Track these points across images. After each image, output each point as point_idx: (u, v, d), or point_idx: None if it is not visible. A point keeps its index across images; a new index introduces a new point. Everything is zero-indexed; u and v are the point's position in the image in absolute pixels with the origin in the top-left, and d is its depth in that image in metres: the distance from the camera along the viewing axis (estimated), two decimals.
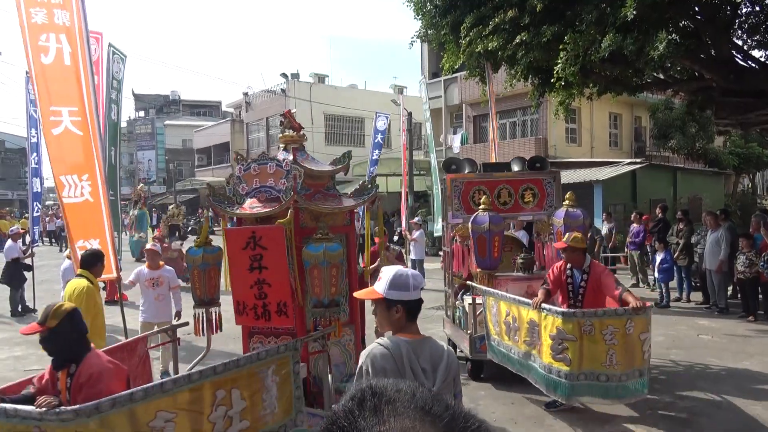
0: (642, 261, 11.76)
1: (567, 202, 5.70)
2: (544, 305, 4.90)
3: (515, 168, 6.73)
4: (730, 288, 9.71)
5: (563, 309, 4.91)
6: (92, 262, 5.02)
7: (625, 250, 12.38)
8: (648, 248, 11.76)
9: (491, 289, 5.73)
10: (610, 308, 4.85)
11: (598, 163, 17.65)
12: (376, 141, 16.62)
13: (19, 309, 10.45)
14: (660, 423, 5.01)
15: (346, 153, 4.43)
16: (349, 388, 0.81)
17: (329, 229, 3.99)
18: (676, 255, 10.12)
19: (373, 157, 16.47)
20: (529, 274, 6.41)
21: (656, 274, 10.21)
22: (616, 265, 14.35)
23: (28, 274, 10.59)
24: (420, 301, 2.38)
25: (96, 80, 8.55)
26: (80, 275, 4.99)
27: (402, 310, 2.31)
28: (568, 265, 5.19)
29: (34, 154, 11.23)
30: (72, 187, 5.31)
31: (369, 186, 4.47)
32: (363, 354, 2.33)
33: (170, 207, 22.75)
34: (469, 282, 6.38)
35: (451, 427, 0.70)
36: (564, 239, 5.17)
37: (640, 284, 11.73)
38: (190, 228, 28.49)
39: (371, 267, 7.24)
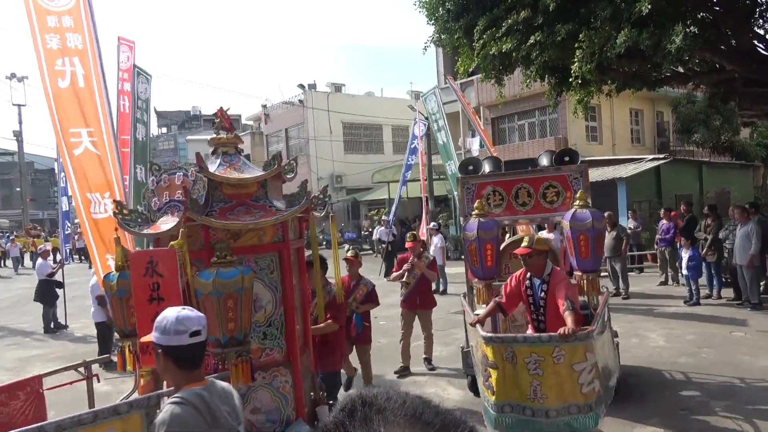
0: (674, 258, 11.56)
1: (578, 202, 5.08)
2: (476, 327, 4.37)
3: (544, 163, 6.05)
4: (762, 283, 9.46)
5: (484, 333, 4.29)
6: None
7: (654, 247, 12.18)
8: (678, 245, 11.56)
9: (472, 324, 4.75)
10: (534, 334, 4.27)
11: (621, 161, 17.39)
12: (412, 146, 16.75)
13: (52, 326, 10.70)
14: (692, 425, 4.90)
15: (275, 155, 3.71)
16: None
17: (254, 248, 3.45)
18: (704, 251, 9.90)
19: (408, 162, 16.62)
20: None
21: (684, 272, 10.01)
22: (643, 263, 14.12)
23: (59, 291, 10.84)
24: (194, 347, 2.05)
25: (129, 87, 8.69)
26: None
27: (162, 357, 2.06)
28: (528, 275, 4.59)
29: (63, 173, 11.53)
30: (97, 203, 5.46)
31: (301, 192, 3.66)
32: (158, 422, 1.99)
33: None
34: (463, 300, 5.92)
35: None
36: (525, 243, 4.53)
37: (670, 281, 11.52)
38: None
39: (393, 276, 7.22)
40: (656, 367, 6.42)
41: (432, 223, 13.60)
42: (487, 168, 6.24)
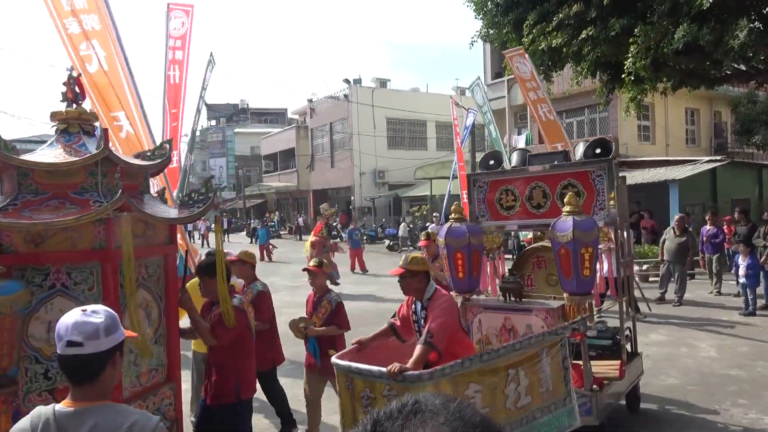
0: (720, 265, 11.02)
1: (567, 208, 4.19)
2: (336, 360, 3.61)
3: (578, 155, 5.10)
4: None
5: (334, 358, 3.67)
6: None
7: (700, 253, 11.62)
8: (727, 251, 11.03)
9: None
10: (365, 366, 3.40)
11: (674, 162, 16.74)
12: (465, 136, 16.51)
13: None
14: None
15: (161, 142, 3.08)
16: None
17: (63, 255, 2.78)
18: (763, 259, 9.40)
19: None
20: (513, 303, 4.73)
21: (741, 280, 9.53)
22: (695, 269, 13.56)
23: None
24: (69, 359, 1.68)
25: (182, 56, 8.25)
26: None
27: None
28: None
29: None
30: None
31: (202, 191, 3.14)
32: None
33: (322, 206, 20.82)
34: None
35: None
36: (402, 263, 3.76)
37: (713, 291, 10.97)
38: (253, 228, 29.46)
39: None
40: (706, 378, 6.13)
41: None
42: (513, 161, 5.47)
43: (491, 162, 5.48)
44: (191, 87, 8.92)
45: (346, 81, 30.94)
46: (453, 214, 4.83)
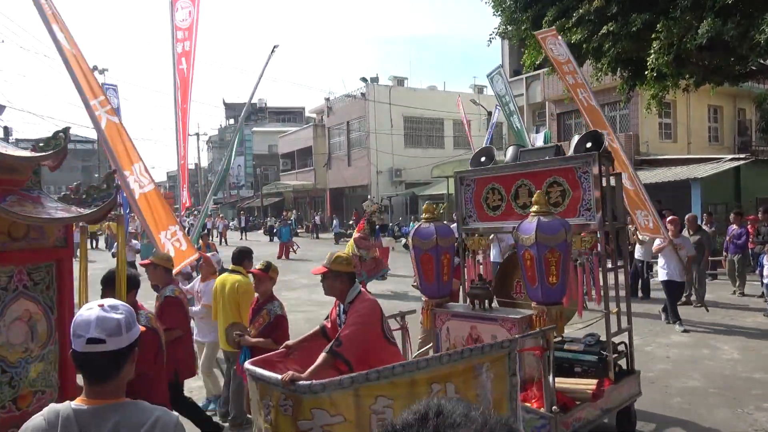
0: (743, 266, 10.78)
1: (535, 207, 3.84)
2: (250, 365, 3.32)
3: (572, 150, 4.63)
4: None
5: (248, 363, 3.41)
6: (241, 258, 5.38)
7: (723, 253, 11.40)
8: (750, 252, 10.78)
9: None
10: (265, 372, 3.16)
11: (697, 160, 16.43)
12: (490, 132, 16.90)
13: None
14: None
15: (55, 131, 2.80)
16: None
17: (28, 254, 2.67)
18: None
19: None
20: (481, 311, 4.27)
21: (766, 281, 9.31)
22: (717, 270, 13.29)
23: None
24: (88, 356, 1.65)
25: (189, 46, 8.03)
26: (233, 270, 5.33)
27: (77, 367, 1.72)
28: None
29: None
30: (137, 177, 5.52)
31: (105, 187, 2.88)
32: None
33: (365, 204, 20.37)
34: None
35: None
36: (326, 261, 3.54)
37: (737, 292, 10.76)
38: (275, 230, 29.64)
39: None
40: (729, 381, 6.00)
41: None
42: (507, 158, 5.04)
43: (482, 159, 5.08)
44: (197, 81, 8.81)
45: (363, 79, 30.94)
46: (425, 214, 4.48)
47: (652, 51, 7.23)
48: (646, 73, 7.65)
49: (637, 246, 10.98)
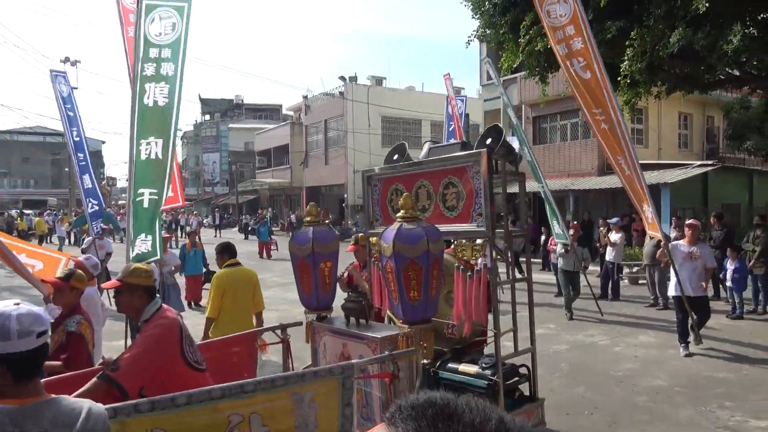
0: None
1: (402, 212, 3.38)
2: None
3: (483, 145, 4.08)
4: None
5: None
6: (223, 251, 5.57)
7: None
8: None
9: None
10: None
11: (667, 165, 16.85)
12: (450, 129, 14.96)
13: None
14: None
15: None
16: None
17: None
18: (752, 263, 9.48)
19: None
20: (353, 328, 3.82)
21: (729, 284, 9.61)
22: None
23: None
24: (35, 352, 1.61)
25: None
26: (233, 264, 5.46)
27: (3, 370, 1.60)
28: None
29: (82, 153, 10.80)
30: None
31: None
32: None
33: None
34: None
35: None
36: (120, 274, 3.11)
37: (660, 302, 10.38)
38: (250, 228, 29.38)
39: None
40: (693, 380, 6.18)
41: None
42: (421, 154, 4.62)
43: (395, 157, 4.67)
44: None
45: (342, 78, 30.88)
46: (307, 217, 4.10)
47: (626, 58, 7.40)
48: (620, 79, 7.82)
49: (608, 248, 11.21)
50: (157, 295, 3.16)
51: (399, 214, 3.39)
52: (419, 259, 3.23)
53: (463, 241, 4.09)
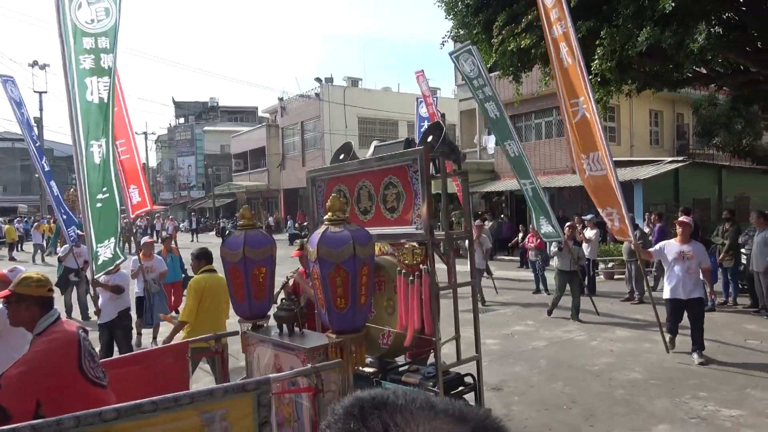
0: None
1: (329, 214, 3.17)
2: None
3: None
4: None
5: None
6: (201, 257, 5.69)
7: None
8: None
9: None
10: None
11: (639, 162, 17.17)
12: (421, 129, 14.92)
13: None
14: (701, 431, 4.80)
15: None
16: None
17: None
18: (721, 256, 9.72)
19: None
20: (287, 340, 3.51)
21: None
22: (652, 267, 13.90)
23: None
24: None
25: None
26: (208, 270, 5.52)
27: None
28: None
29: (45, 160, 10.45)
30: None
31: None
32: None
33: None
34: None
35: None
36: (12, 284, 2.94)
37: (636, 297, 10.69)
38: (228, 231, 29.07)
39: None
40: (668, 373, 6.31)
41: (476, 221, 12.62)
42: (368, 153, 4.39)
43: (341, 156, 4.47)
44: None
45: (318, 80, 30.79)
46: (241, 220, 3.86)
47: (596, 57, 7.52)
48: (590, 78, 7.95)
49: (584, 244, 11.36)
50: (55, 307, 2.93)
51: (326, 217, 3.19)
52: (345, 264, 3.02)
53: (406, 244, 3.77)
